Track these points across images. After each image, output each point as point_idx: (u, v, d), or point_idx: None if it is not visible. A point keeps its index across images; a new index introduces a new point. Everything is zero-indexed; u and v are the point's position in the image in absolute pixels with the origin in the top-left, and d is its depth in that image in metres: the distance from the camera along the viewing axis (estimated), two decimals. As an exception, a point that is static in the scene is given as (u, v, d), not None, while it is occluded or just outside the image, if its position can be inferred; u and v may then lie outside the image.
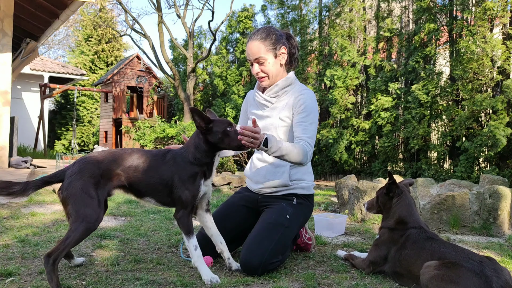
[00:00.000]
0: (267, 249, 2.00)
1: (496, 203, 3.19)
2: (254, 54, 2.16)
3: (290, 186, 2.23)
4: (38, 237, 2.53)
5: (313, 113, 2.15)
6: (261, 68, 2.18)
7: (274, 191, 2.25)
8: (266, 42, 2.15)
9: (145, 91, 14.15)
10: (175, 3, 11.57)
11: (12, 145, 8.30)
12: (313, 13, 9.03)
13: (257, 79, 2.25)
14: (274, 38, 2.16)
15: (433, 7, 6.74)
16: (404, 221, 2.04)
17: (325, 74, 8.23)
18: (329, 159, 8.51)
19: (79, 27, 19.39)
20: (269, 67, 2.18)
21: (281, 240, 2.08)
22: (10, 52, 7.71)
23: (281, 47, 2.18)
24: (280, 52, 2.18)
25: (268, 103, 2.27)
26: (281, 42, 2.18)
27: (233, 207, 2.34)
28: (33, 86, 15.61)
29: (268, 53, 2.16)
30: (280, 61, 2.20)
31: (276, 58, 2.18)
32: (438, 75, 6.58)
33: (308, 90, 2.23)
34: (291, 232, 2.16)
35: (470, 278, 1.60)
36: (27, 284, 1.75)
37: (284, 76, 2.26)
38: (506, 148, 5.63)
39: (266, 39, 2.15)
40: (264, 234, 2.06)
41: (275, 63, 2.19)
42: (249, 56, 2.19)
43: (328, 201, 4.69)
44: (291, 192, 2.24)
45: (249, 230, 2.22)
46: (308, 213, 2.33)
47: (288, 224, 2.13)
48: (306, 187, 2.28)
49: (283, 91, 2.23)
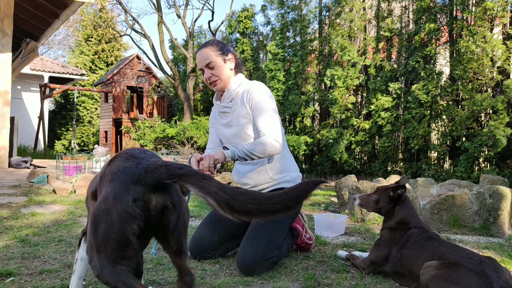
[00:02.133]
0: (260, 246, 2.03)
1: (496, 203, 3.19)
2: (204, 59, 2.27)
3: (275, 180, 2.30)
4: (38, 237, 2.53)
5: (263, 101, 2.23)
6: (212, 72, 2.28)
7: (262, 189, 2.31)
8: (214, 48, 2.28)
9: (145, 91, 14.14)
10: (175, 3, 11.57)
11: (12, 145, 8.30)
12: (313, 13, 9.03)
13: (209, 85, 2.36)
14: (221, 46, 2.31)
15: (433, 7, 6.74)
16: (406, 222, 2.05)
17: (325, 74, 8.23)
18: (329, 159, 8.50)
19: (79, 27, 19.39)
20: (220, 70, 2.28)
21: (274, 235, 2.12)
22: (10, 52, 7.71)
23: (229, 54, 2.32)
24: (228, 58, 2.31)
25: (227, 109, 2.35)
26: (228, 49, 2.33)
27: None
28: (33, 86, 15.61)
29: (217, 57, 2.27)
30: (230, 65, 2.32)
31: (225, 62, 2.30)
32: (438, 75, 6.58)
33: (254, 83, 2.31)
34: (283, 226, 2.20)
35: (471, 278, 1.60)
36: (27, 284, 1.75)
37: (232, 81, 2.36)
38: (506, 148, 5.63)
39: (213, 46, 2.29)
40: (255, 232, 2.11)
41: (225, 67, 2.30)
42: (200, 63, 2.30)
43: (328, 201, 4.69)
44: (278, 187, 2.29)
45: (244, 227, 2.26)
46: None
47: (277, 219, 2.13)
48: (291, 180, 2.33)
49: (235, 92, 2.32)
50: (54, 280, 1.79)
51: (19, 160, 7.63)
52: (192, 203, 4.16)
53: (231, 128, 2.35)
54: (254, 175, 2.32)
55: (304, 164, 9.44)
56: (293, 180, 2.33)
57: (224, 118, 2.39)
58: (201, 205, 4.02)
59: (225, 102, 2.36)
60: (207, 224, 2.31)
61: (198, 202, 4.17)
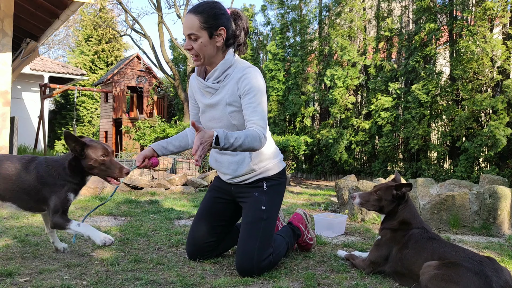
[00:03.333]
0: (254, 249, 1.99)
1: (496, 203, 3.19)
2: (187, 28, 1.95)
3: (256, 171, 2.14)
4: (38, 237, 2.54)
5: (259, 92, 1.97)
6: (193, 45, 1.96)
7: (243, 180, 2.17)
8: (202, 18, 1.93)
9: (145, 91, 14.14)
10: (175, 3, 11.57)
11: (12, 145, 8.30)
12: (313, 13, 9.03)
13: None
14: (213, 15, 1.94)
15: (433, 7, 6.74)
16: (408, 222, 2.04)
17: (325, 74, 8.23)
18: (329, 159, 8.51)
19: (79, 27, 19.39)
20: (201, 47, 1.95)
21: (264, 234, 2.06)
22: (10, 52, 7.70)
23: (219, 28, 1.96)
24: (217, 33, 1.96)
25: (212, 89, 2.08)
26: (221, 21, 1.96)
27: (210, 205, 2.29)
28: (33, 86, 15.60)
29: (203, 31, 1.93)
30: (217, 42, 1.98)
31: (212, 38, 1.95)
32: (438, 75, 6.58)
33: (251, 67, 2.03)
34: (272, 220, 2.13)
35: (470, 277, 1.60)
36: (27, 284, 1.75)
37: (223, 59, 2.04)
38: (506, 148, 5.63)
39: (202, 14, 1.93)
40: (247, 235, 2.05)
41: (209, 43, 1.96)
42: (183, 29, 1.98)
43: (328, 201, 4.69)
44: (260, 177, 2.16)
45: (234, 221, 2.26)
46: (282, 189, 2.25)
47: (266, 216, 2.09)
48: (272, 167, 2.18)
49: (224, 74, 2.04)
50: (54, 280, 1.79)
51: (19, 160, 7.62)
52: (192, 203, 4.16)
53: (212, 110, 2.11)
54: (234, 165, 2.15)
55: (304, 164, 9.45)
56: (273, 167, 2.17)
57: (206, 97, 2.13)
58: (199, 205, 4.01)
59: (210, 81, 2.08)
60: (198, 222, 2.24)
61: (198, 202, 4.17)
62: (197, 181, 5.33)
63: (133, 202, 4.05)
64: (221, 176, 2.29)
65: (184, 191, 4.98)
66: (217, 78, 2.06)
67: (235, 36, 2.06)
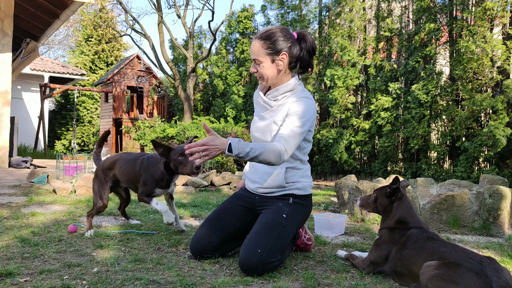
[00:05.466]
0: (265, 248, 1.99)
1: (496, 203, 3.19)
2: (253, 53, 2.14)
3: (285, 187, 2.21)
4: (38, 237, 2.53)
5: (303, 118, 2.06)
6: (257, 68, 2.14)
7: (270, 192, 2.24)
8: (266, 44, 2.09)
9: (145, 91, 14.15)
10: (175, 3, 11.57)
11: (12, 145, 8.31)
12: (313, 13, 9.03)
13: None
14: (276, 42, 2.09)
15: (433, 7, 6.74)
16: (405, 221, 2.05)
17: (325, 74, 8.23)
18: (329, 159, 8.51)
19: (79, 27, 19.40)
20: (264, 71, 2.13)
21: (279, 238, 2.06)
22: (10, 52, 7.71)
23: (281, 53, 2.10)
24: (279, 58, 2.10)
25: (267, 105, 2.23)
26: (284, 46, 2.09)
27: (229, 207, 2.34)
28: (33, 86, 15.61)
29: (266, 56, 2.10)
30: (278, 66, 2.12)
31: (273, 63, 2.11)
32: (438, 75, 6.58)
33: (308, 98, 2.14)
34: (290, 231, 2.15)
35: (470, 277, 1.60)
36: (27, 284, 1.75)
37: (286, 81, 2.19)
38: (506, 148, 5.63)
39: (266, 41, 2.09)
40: (262, 234, 2.05)
41: (271, 67, 2.12)
42: (251, 54, 2.17)
43: (328, 201, 4.69)
44: (287, 192, 2.23)
45: (245, 230, 2.22)
46: (307, 212, 2.31)
47: (285, 223, 2.12)
48: (302, 188, 2.25)
49: (282, 95, 2.18)
50: (54, 280, 1.79)
51: (19, 160, 7.63)
52: (192, 203, 4.16)
53: (261, 123, 2.25)
54: (267, 176, 2.22)
55: (304, 164, 9.44)
56: (304, 188, 2.25)
57: (261, 110, 2.29)
58: (201, 206, 4.02)
59: (268, 97, 2.22)
60: (208, 224, 2.27)
61: (198, 202, 4.17)
62: (197, 181, 5.33)
63: (133, 202, 4.05)
64: (248, 183, 2.36)
65: (184, 191, 4.98)
66: (275, 97, 2.20)
67: (298, 59, 2.16)
